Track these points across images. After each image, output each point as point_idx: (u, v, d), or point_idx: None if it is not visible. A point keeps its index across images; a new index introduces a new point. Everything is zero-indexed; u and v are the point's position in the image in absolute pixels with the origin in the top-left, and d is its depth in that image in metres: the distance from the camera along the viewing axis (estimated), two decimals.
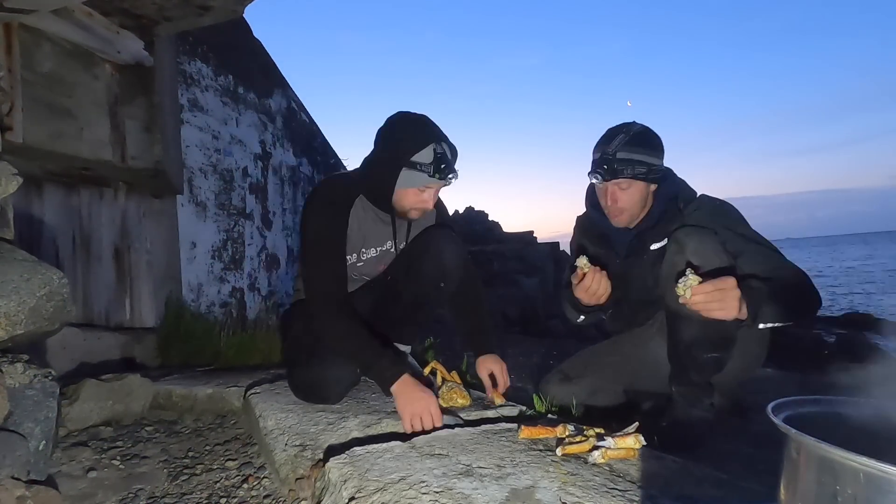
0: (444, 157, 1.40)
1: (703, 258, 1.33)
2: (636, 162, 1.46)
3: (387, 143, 1.45)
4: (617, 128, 1.51)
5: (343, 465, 1.02)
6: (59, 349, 2.06)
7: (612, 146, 1.47)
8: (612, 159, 1.46)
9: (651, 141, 1.49)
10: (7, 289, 1.10)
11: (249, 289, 3.79)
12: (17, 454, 1.00)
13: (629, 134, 1.48)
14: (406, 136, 1.42)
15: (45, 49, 2.02)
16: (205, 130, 3.31)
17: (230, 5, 2.27)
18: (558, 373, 1.71)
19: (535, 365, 2.69)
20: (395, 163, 1.41)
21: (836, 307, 12.82)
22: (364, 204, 1.54)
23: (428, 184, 1.42)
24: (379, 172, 1.46)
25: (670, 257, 1.39)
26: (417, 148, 1.38)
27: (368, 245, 1.59)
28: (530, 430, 1.16)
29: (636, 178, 1.47)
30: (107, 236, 2.48)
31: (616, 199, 1.50)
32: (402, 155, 1.40)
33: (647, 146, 1.48)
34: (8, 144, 1.74)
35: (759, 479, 0.94)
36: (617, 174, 1.45)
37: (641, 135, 1.49)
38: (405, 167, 1.40)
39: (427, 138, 1.39)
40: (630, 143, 1.46)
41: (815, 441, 0.56)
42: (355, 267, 1.59)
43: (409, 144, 1.40)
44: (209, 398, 1.81)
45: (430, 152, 1.38)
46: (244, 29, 3.83)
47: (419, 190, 1.44)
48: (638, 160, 1.46)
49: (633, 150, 1.46)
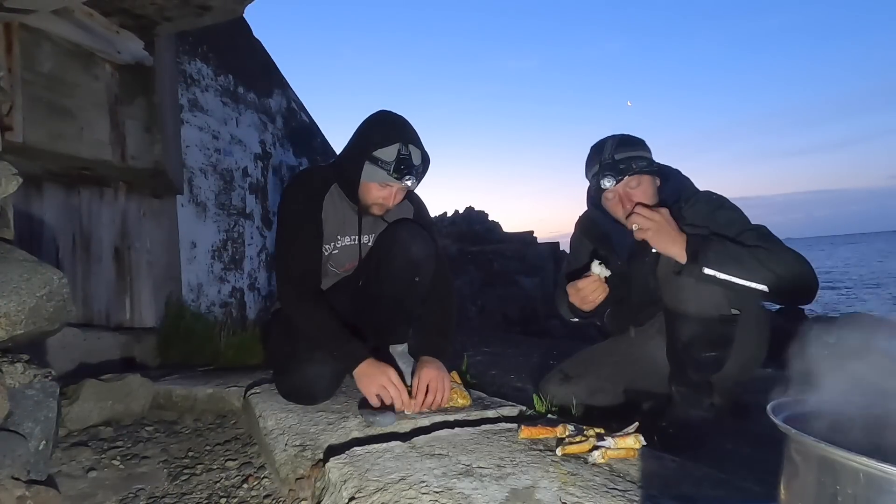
0: (407, 160, 1.43)
1: None
2: (635, 157, 1.48)
3: (358, 136, 1.51)
4: (601, 141, 1.55)
5: (343, 465, 1.02)
6: (59, 349, 2.06)
7: (607, 152, 1.49)
8: (613, 162, 1.47)
9: (637, 140, 1.53)
10: (7, 289, 1.10)
11: (249, 289, 3.79)
12: (17, 454, 1.00)
13: (615, 139, 1.52)
14: (375, 131, 1.47)
15: (45, 49, 2.02)
16: (205, 130, 3.31)
17: (230, 5, 2.27)
18: (558, 373, 1.71)
19: (535, 365, 2.69)
20: (361, 156, 1.46)
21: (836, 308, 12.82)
22: (339, 193, 1.58)
23: (386, 181, 1.45)
24: (347, 162, 1.52)
25: (668, 257, 1.40)
26: (383, 145, 1.43)
27: (344, 233, 1.61)
28: (530, 430, 1.16)
29: (642, 172, 1.48)
30: (107, 236, 2.48)
31: (632, 199, 1.49)
32: (367, 149, 1.45)
33: (636, 144, 1.51)
34: (8, 144, 1.74)
35: (759, 479, 0.94)
36: (624, 173, 1.47)
37: (626, 137, 1.53)
38: (368, 161, 1.44)
39: (395, 137, 1.44)
40: (620, 144, 1.50)
41: (815, 441, 0.56)
42: (332, 256, 1.60)
43: (375, 140, 1.45)
44: (209, 398, 1.81)
45: (394, 151, 1.42)
46: (244, 29, 3.83)
47: (380, 186, 1.47)
48: (636, 156, 1.48)
49: (627, 150, 1.49)
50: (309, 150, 4.85)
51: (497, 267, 9.08)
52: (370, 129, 1.49)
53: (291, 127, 4.52)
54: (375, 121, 1.50)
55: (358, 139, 1.51)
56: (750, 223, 1.44)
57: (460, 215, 11.60)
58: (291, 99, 4.52)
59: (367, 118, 1.52)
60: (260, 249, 3.96)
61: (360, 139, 1.50)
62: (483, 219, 11.52)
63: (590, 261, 1.55)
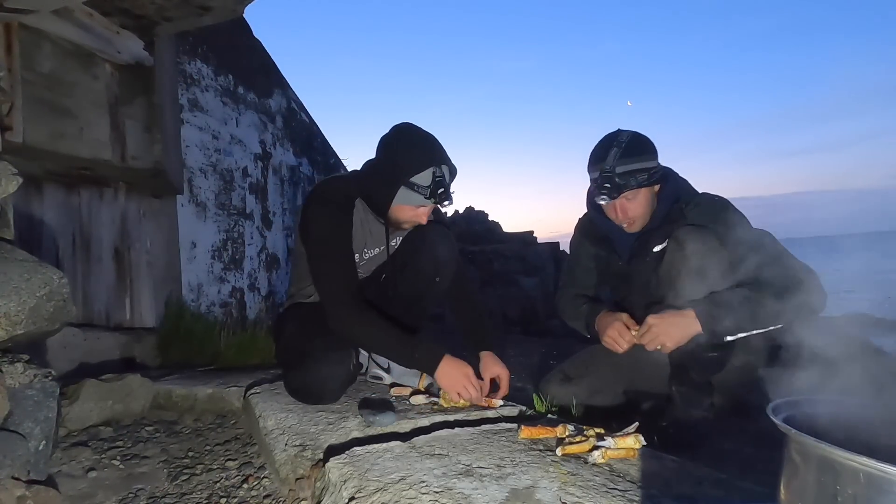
0: (443, 182, 1.44)
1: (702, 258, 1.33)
2: (636, 171, 1.45)
3: (388, 157, 1.48)
4: (607, 141, 1.50)
5: (343, 465, 1.02)
6: (59, 349, 2.06)
7: (609, 162, 1.45)
8: (613, 175, 1.45)
9: (644, 146, 1.49)
10: (7, 289, 1.10)
11: (249, 289, 3.79)
12: (17, 454, 1.00)
13: (621, 146, 1.47)
14: (409, 155, 1.44)
15: (45, 49, 2.02)
16: (205, 130, 3.31)
17: (230, 5, 2.27)
18: (558, 373, 1.71)
19: (535, 365, 2.69)
20: (394, 179, 1.44)
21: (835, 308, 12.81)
22: (363, 206, 1.57)
23: (423, 204, 1.47)
24: (378, 184, 1.49)
25: (670, 256, 1.40)
26: (418, 170, 1.42)
27: (371, 245, 1.61)
28: (530, 430, 1.16)
29: (640, 187, 1.47)
30: (107, 236, 2.48)
31: (626, 210, 1.50)
32: (402, 173, 1.43)
33: (641, 153, 1.47)
34: (8, 144, 1.74)
35: (759, 479, 0.94)
36: (622, 189, 1.45)
37: (633, 143, 1.48)
38: (404, 185, 1.43)
39: (428, 161, 1.43)
40: (625, 154, 1.45)
41: (815, 441, 0.56)
42: (359, 266, 1.60)
43: (410, 164, 1.43)
44: (209, 398, 1.81)
45: (430, 175, 1.42)
46: (244, 29, 3.83)
47: (414, 208, 1.48)
48: (637, 169, 1.45)
49: (631, 161, 1.45)
50: (309, 150, 4.85)
51: (497, 267, 9.08)
52: (402, 154, 1.45)
53: (291, 127, 4.52)
54: (407, 143, 1.47)
55: (389, 164, 1.46)
56: (752, 227, 1.44)
57: (460, 215, 11.59)
58: (291, 99, 4.52)
59: (396, 137, 1.49)
60: (260, 249, 3.96)
61: (391, 165, 1.45)
62: (483, 219, 11.51)
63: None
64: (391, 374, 1.66)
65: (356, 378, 1.63)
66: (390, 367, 1.67)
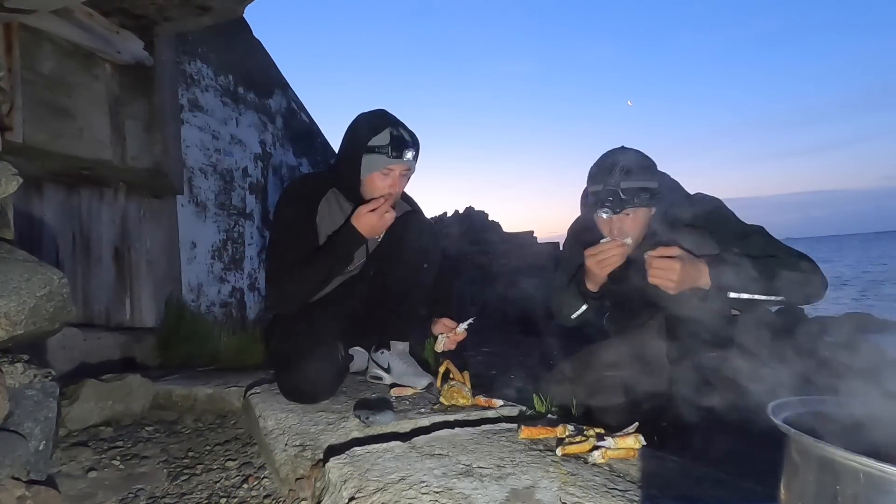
0: (401, 139, 1.51)
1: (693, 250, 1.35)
2: (640, 189, 1.45)
3: (348, 138, 1.58)
4: (611, 158, 1.50)
5: (343, 465, 1.02)
6: (59, 349, 2.06)
7: (614, 178, 1.45)
8: (617, 191, 1.45)
9: (648, 166, 1.49)
10: (7, 289, 1.10)
11: (249, 289, 3.79)
12: (17, 454, 1.00)
13: (626, 163, 1.47)
14: (364, 125, 1.54)
15: (45, 49, 2.02)
16: (205, 130, 3.31)
17: (230, 5, 2.27)
18: (558, 373, 1.71)
19: (535, 365, 2.69)
20: (356, 151, 1.52)
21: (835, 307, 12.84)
22: (338, 197, 1.62)
23: (388, 164, 1.51)
24: (344, 164, 1.57)
25: None
26: (375, 132, 1.50)
27: None
28: (530, 430, 1.16)
29: (642, 206, 1.47)
30: (107, 236, 2.48)
31: (623, 227, 1.49)
32: (361, 142, 1.51)
33: (645, 172, 1.48)
34: (8, 144, 1.74)
35: (759, 479, 0.94)
36: (625, 205, 1.45)
37: (638, 161, 1.48)
38: (365, 153, 1.51)
39: (383, 123, 1.51)
40: (630, 172, 1.46)
41: (815, 441, 0.56)
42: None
43: (366, 131, 1.51)
44: (209, 398, 1.81)
45: (387, 135, 1.50)
46: (244, 29, 3.83)
47: (383, 174, 1.52)
48: (641, 187, 1.45)
49: (635, 179, 1.45)
50: (309, 151, 4.85)
51: (497, 267, 9.07)
52: (357, 127, 1.56)
53: (291, 127, 4.52)
54: (361, 118, 1.58)
55: (349, 140, 1.57)
56: (748, 226, 1.44)
57: (460, 215, 11.59)
58: (291, 99, 4.52)
59: (350, 124, 1.60)
60: (260, 249, 3.96)
61: (350, 139, 1.56)
62: (483, 219, 11.51)
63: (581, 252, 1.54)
64: (391, 374, 1.66)
65: (348, 370, 1.64)
66: (390, 367, 1.67)
